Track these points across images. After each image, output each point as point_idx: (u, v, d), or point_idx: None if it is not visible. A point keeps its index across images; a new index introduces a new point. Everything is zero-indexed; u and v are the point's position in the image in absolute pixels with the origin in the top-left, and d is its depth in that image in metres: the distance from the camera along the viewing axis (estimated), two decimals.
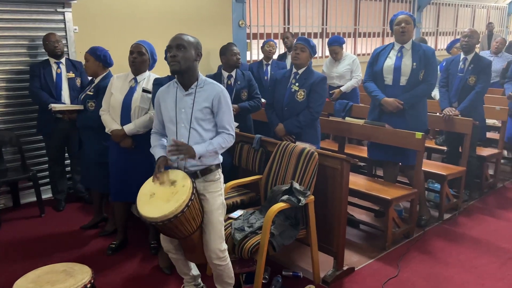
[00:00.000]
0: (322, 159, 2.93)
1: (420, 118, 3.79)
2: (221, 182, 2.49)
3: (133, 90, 3.19)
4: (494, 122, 5.31)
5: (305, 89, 3.51)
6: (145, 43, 3.19)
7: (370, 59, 3.93)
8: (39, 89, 4.06)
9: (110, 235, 3.67)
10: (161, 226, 2.24)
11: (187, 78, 2.36)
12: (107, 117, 3.27)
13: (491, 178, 4.81)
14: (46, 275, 2.16)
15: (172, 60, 2.29)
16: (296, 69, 3.59)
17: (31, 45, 4.34)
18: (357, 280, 3.01)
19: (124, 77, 3.26)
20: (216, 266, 2.48)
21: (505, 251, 3.41)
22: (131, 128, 3.15)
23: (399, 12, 3.78)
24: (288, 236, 2.76)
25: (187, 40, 2.32)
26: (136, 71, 3.20)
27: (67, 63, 4.24)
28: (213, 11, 5.89)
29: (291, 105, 3.56)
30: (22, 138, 4.31)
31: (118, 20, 5.00)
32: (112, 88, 3.24)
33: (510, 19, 12.38)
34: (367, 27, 8.46)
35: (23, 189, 4.45)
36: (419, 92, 3.67)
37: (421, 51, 3.66)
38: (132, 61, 3.15)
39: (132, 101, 3.17)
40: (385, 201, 3.36)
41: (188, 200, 2.21)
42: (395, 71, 3.70)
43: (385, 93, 3.76)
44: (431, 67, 3.68)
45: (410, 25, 3.66)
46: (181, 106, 2.38)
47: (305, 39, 3.56)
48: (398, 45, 3.74)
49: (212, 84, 2.41)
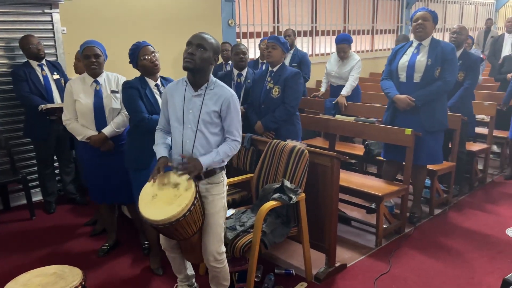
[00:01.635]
0: (313, 156, 2.94)
1: (437, 116, 3.63)
2: (224, 185, 2.46)
3: (99, 93, 3.13)
4: (483, 117, 5.37)
5: (279, 85, 3.58)
6: (96, 44, 3.13)
7: (389, 57, 3.85)
8: (30, 94, 3.99)
9: (102, 234, 3.65)
10: (161, 229, 2.22)
11: (198, 78, 2.30)
12: (75, 125, 3.16)
13: (480, 173, 4.85)
14: (36, 278, 2.14)
15: (188, 57, 2.21)
16: (271, 67, 3.66)
17: (19, 47, 4.27)
18: (349, 277, 3.03)
19: (81, 81, 3.17)
20: (213, 268, 2.47)
21: (495, 245, 3.44)
22: (110, 130, 3.12)
23: (419, 8, 3.70)
24: (279, 234, 2.77)
25: (209, 42, 2.25)
26: (95, 74, 3.15)
27: (48, 64, 4.18)
28: (202, 11, 5.88)
29: (267, 102, 3.64)
30: (11, 141, 4.27)
31: (106, 20, 4.97)
32: (73, 95, 3.12)
33: (498, 15, 12.50)
34: (356, 24, 8.49)
35: (13, 192, 4.41)
36: (433, 89, 3.53)
37: (439, 48, 3.53)
38: (91, 65, 3.08)
39: (104, 104, 3.13)
40: (376, 197, 3.39)
41: (191, 205, 2.18)
42: (409, 67, 3.60)
43: (399, 90, 3.66)
44: (448, 64, 3.52)
45: (427, 21, 3.54)
46: (189, 106, 2.32)
47: (276, 37, 3.62)
48: (416, 42, 3.65)
49: (222, 88, 2.34)
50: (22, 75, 3.99)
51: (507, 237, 3.58)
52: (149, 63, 2.82)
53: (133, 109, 2.83)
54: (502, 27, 11.98)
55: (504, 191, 4.64)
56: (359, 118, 4.22)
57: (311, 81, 6.06)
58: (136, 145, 2.90)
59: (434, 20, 3.60)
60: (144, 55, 2.82)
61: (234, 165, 3.54)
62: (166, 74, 3.12)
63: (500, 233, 3.65)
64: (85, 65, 3.12)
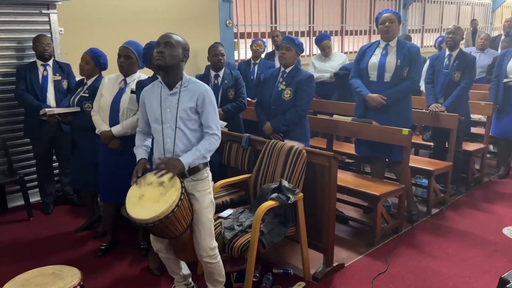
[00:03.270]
0: (310, 156, 2.95)
1: (404, 114, 3.82)
2: (209, 181, 2.50)
3: (122, 91, 3.19)
4: (480, 117, 5.39)
5: (291, 88, 3.54)
6: (132, 45, 3.17)
7: (356, 56, 3.99)
8: (25, 92, 4.03)
9: (103, 236, 3.64)
10: (151, 227, 2.24)
11: (171, 77, 2.36)
12: (97, 118, 3.28)
13: (477, 172, 4.87)
14: (34, 278, 2.15)
15: (158, 56, 2.29)
16: (283, 68, 3.62)
17: (17, 47, 4.29)
18: (347, 276, 3.04)
19: (115, 79, 3.27)
20: (207, 264, 2.49)
21: (491, 244, 3.46)
22: (118, 129, 3.14)
23: (383, 10, 3.82)
24: (277, 234, 2.77)
25: (176, 39, 2.34)
26: (125, 73, 3.21)
27: (54, 65, 4.20)
28: (200, 11, 5.88)
29: (278, 104, 3.59)
30: (8, 142, 4.27)
31: (104, 21, 4.97)
32: (102, 89, 3.26)
33: (495, 15, 12.54)
34: (353, 25, 8.50)
35: (11, 192, 4.40)
36: (402, 88, 3.72)
37: (406, 48, 3.71)
38: (120, 64, 3.15)
39: (120, 102, 3.17)
40: (374, 197, 3.40)
41: (178, 200, 2.21)
42: (380, 68, 3.75)
43: (369, 89, 3.80)
44: (415, 65, 3.73)
45: (394, 23, 3.71)
46: (165, 106, 2.38)
47: (290, 38, 3.58)
48: (383, 43, 3.80)
49: (196, 84, 2.41)
50: (21, 73, 4.05)
51: (504, 236, 3.59)
52: None
53: None
54: (499, 27, 12.04)
55: (501, 191, 4.66)
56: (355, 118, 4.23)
57: None
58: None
59: (399, 21, 3.79)
60: None
61: (232, 165, 3.55)
62: None
63: (497, 232, 3.67)
64: (117, 63, 3.18)
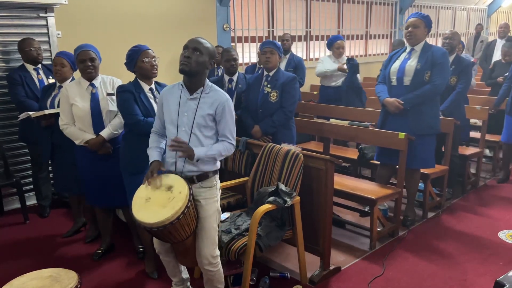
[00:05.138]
0: (307, 160, 2.96)
1: (425, 120, 3.65)
2: (217, 189, 2.48)
3: (96, 96, 3.14)
4: (476, 121, 5.42)
5: (277, 90, 3.61)
6: (91, 47, 3.15)
7: (384, 62, 3.96)
8: (26, 98, 3.98)
9: (96, 240, 3.64)
10: (155, 232, 2.23)
11: (194, 82, 2.35)
12: (73, 129, 3.16)
13: (473, 176, 4.90)
14: (31, 282, 2.14)
15: (184, 61, 2.27)
16: (267, 71, 3.69)
17: (14, 50, 4.27)
18: (343, 280, 3.04)
19: (77, 85, 3.17)
20: (207, 271, 2.47)
21: (487, 247, 3.48)
22: (108, 132, 3.12)
23: (411, 14, 3.74)
24: (274, 237, 2.78)
25: (205, 45, 2.31)
26: (91, 78, 3.16)
27: (44, 68, 4.18)
28: (197, 15, 5.90)
29: (265, 106, 3.66)
30: (5, 145, 4.26)
31: (101, 24, 4.97)
32: (69, 99, 3.12)
33: (490, 20, 12.63)
34: (350, 29, 8.55)
35: (7, 196, 4.39)
36: (420, 93, 3.58)
37: (430, 52, 3.60)
38: (88, 69, 3.10)
39: (100, 106, 3.13)
40: (370, 200, 3.41)
41: (185, 207, 2.20)
42: (399, 72, 3.69)
43: (390, 93, 3.74)
44: (437, 68, 3.57)
45: (417, 28, 3.59)
46: (184, 109, 2.36)
47: (272, 42, 3.70)
48: (409, 48, 3.73)
49: (217, 92, 2.39)
50: (17, 79, 3.98)
51: (499, 240, 3.61)
52: (149, 66, 2.85)
53: (128, 112, 2.84)
54: (494, 32, 12.12)
55: (496, 194, 4.69)
56: (353, 121, 4.25)
57: (305, 85, 6.08)
58: (131, 150, 2.90)
59: (427, 25, 3.64)
60: (145, 58, 2.84)
61: (229, 168, 3.56)
62: (160, 78, 3.13)
63: (492, 235, 3.69)
64: (80, 69, 3.13)
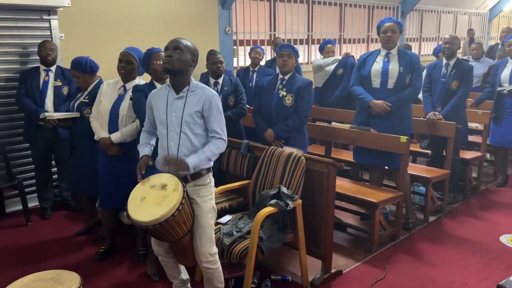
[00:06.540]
0: (309, 163, 2.97)
1: (406, 121, 3.86)
2: (211, 186, 2.50)
3: (121, 98, 3.20)
4: (477, 125, 5.42)
5: (292, 94, 3.58)
6: (133, 51, 3.20)
7: (357, 64, 4.03)
8: (24, 96, 4.05)
9: (103, 240, 3.64)
10: (151, 230, 2.25)
11: (178, 81, 2.39)
12: (96, 124, 3.29)
13: (474, 180, 4.90)
14: (34, 283, 2.14)
15: (167, 59, 2.32)
16: (282, 75, 3.65)
17: (17, 52, 4.31)
18: (345, 283, 3.04)
19: (114, 84, 3.27)
20: (206, 269, 2.49)
21: (488, 252, 3.48)
22: (118, 137, 3.15)
23: (385, 18, 3.84)
24: (276, 240, 2.78)
25: (185, 44, 2.37)
26: (125, 79, 3.22)
27: (57, 71, 4.21)
28: (199, 18, 5.92)
29: (280, 110, 3.61)
30: (7, 146, 4.26)
31: (104, 27, 5.00)
32: (101, 95, 3.26)
33: (491, 25, 12.65)
34: (352, 33, 8.57)
35: (9, 197, 4.40)
36: (406, 95, 3.75)
37: (407, 57, 3.77)
38: (121, 70, 3.16)
39: (120, 109, 3.17)
40: (372, 204, 3.41)
41: (179, 204, 2.22)
42: (383, 74, 3.77)
43: (372, 95, 3.81)
44: (416, 72, 3.78)
45: (396, 33, 3.76)
46: (172, 109, 2.39)
47: (291, 46, 3.66)
48: (384, 51, 3.84)
49: (203, 89, 2.42)
50: (23, 78, 4.08)
51: (501, 244, 3.61)
52: (160, 67, 2.90)
53: (140, 110, 2.92)
54: (496, 36, 12.15)
55: (498, 199, 4.69)
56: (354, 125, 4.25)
57: None
58: None
59: (400, 30, 3.84)
60: (156, 60, 2.97)
61: (231, 171, 3.56)
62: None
63: (494, 240, 3.69)
64: (117, 68, 3.20)
